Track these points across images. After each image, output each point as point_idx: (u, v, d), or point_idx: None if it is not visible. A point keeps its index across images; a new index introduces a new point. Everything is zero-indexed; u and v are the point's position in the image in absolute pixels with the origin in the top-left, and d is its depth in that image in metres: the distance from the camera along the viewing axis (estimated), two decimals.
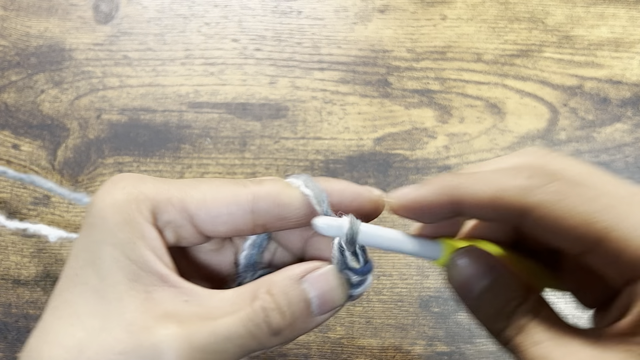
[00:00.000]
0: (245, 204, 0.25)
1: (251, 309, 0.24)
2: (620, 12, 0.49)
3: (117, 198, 0.24)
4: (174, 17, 0.50)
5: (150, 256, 0.24)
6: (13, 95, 0.47)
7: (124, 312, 0.23)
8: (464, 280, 0.25)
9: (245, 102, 0.47)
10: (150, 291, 0.24)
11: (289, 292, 0.24)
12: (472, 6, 0.50)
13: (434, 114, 0.47)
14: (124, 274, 0.23)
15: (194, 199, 0.25)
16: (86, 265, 0.24)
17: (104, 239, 0.24)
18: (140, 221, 0.24)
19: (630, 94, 0.47)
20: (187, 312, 0.24)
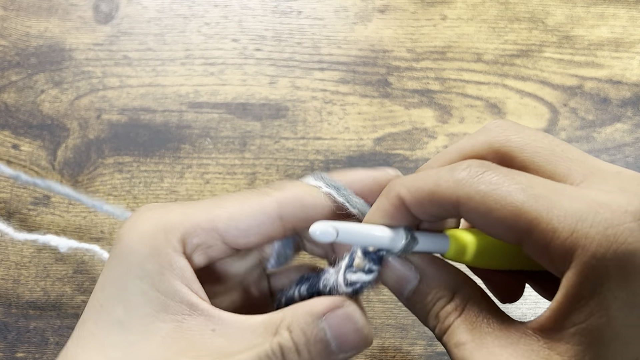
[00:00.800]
0: (273, 212, 0.25)
1: (269, 345, 0.24)
2: (621, 12, 0.49)
3: (144, 229, 0.24)
4: (174, 17, 0.50)
5: (179, 286, 0.24)
6: (13, 95, 0.47)
7: (148, 344, 0.23)
8: (395, 282, 0.25)
9: (245, 102, 0.47)
10: (180, 320, 0.24)
11: (307, 331, 0.24)
12: (472, 6, 0.50)
13: (434, 114, 0.47)
14: (151, 306, 0.24)
15: (221, 218, 0.25)
16: (112, 297, 0.24)
17: (131, 270, 0.24)
18: (168, 252, 0.24)
19: (630, 94, 0.47)
20: (212, 346, 0.24)
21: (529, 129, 0.24)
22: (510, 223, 0.21)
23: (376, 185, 0.26)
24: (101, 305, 0.24)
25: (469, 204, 0.21)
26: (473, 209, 0.21)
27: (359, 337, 0.25)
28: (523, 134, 0.24)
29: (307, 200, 0.26)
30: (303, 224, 0.26)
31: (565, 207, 0.20)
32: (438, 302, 0.24)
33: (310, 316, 0.24)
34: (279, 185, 0.26)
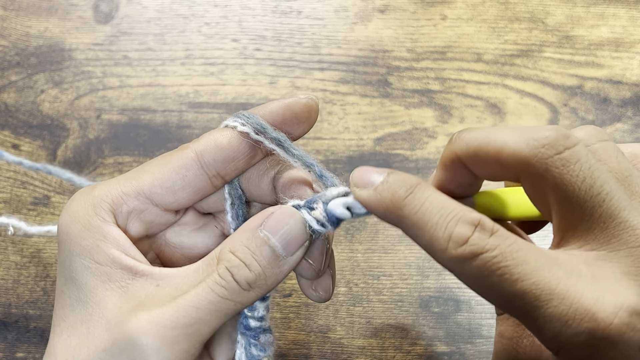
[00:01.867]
0: (192, 162, 0.26)
1: (216, 273, 0.24)
2: (620, 12, 0.49)
3: (74, 210, 0.26)
4: (174, 17, 0.50)
5: (116, 253, 0.25)
6: (13, 95, 0.47)
7: (103, 312, 0.24)
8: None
9: (246, 102, 0.47)
10: (125, 286, 0.25)
11: (250, 244, 0.25)
12: (472, 6, 0.50)
13: (434, 114, 0.47)
14: (96, 278, 0.25)
15: (145, 181, 0.26)
16: (66, 281, 0.25)
17: (71, 250, 0.25)
18: (99, 224, 0.25)
19: (630, 94, 0.47)
20: (159, 295, 0.24)
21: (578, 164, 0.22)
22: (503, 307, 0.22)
23: (287, 114, 0.27)
24: (62, 290, 0.26)
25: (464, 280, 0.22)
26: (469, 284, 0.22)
27: (300, 231, 0.25)
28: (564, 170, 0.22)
29: (222, 143, 0.26)
30: (226, 166, 0.27)
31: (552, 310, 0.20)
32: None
33: (248, 231, 0.25)
34: (198, 138, 0.27)
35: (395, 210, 0.23)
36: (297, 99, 0.27)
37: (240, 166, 0.27)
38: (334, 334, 0.41)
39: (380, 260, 0.42)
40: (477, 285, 0.21)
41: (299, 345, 0.41)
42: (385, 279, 0.42)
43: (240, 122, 0.27)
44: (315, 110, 0.27)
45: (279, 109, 0.27)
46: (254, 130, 0.27)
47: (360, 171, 0.25)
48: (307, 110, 0.27)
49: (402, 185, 0.23)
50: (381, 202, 0.23)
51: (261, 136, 0.27)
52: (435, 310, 0.41)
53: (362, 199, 0.24)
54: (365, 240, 0.43)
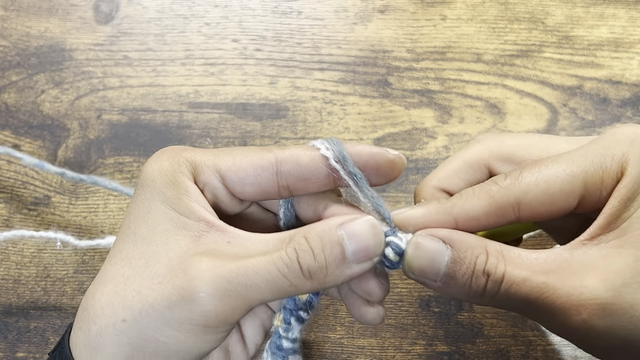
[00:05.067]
0: (270, 166, 0.27)
1: (283, 249, 0.25)
2: (620, 12, 0.49)
3: (163, 164, 0.27)
4: (174, 18, 0.50)
5: (197, 207, 0.27)
6: (13, 95, 0.47)
7: (168, 252, 0.26)
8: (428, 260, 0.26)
9: (246, 102, 0.47)
10: (198, 235, 0.26)
11: (324, 237, 0.26)
12: (472, 6, 0.50)
13: (433, 114, 0.47)
14: (171, 224, 0.26)
15: (225, 162, 0.28)
16: (137, 219, 0.27)
17: (154, 196, 0.27)
18: (184, 180, 0.27)
19: (629, 94, 0.47)
20: (226, 251, 0.26)
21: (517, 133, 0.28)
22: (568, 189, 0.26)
23: (371, 161, 0.28)
24: (128, 227, 0.27)
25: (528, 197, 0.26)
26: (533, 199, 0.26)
27: (375, 245, 0.26)
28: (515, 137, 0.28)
29: (303, 160, 0.27)
30: (297, 183, 0.28)
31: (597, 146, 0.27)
32: (478, 259, 0.25)
33: (327, 225, 0.26)
34: (285, 146, 0.28)
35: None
36: (385, 152, 0.28)
37: (309, 188, 0.28)
38: (334, 334, 0.41)
39: None
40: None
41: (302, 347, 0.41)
42: None
43: (324, 146, 0.27)
44: (398, 170, 0.28)
45: (365, 154, 0.28)
46: (335, 157, 0.27)
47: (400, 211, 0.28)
48: (391, 167, 0.28)
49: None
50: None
51: (339, 165, 0.27)
52: (435, 310, 0.41)
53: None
54: None
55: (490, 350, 0.40)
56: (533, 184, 0.26)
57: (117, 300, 0.26)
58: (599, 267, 0.24)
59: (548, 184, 0.25)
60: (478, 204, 0.26)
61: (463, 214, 0.26)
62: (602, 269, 0.24)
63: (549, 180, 0.25)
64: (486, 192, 0.26)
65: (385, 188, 0.44)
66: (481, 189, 0.27)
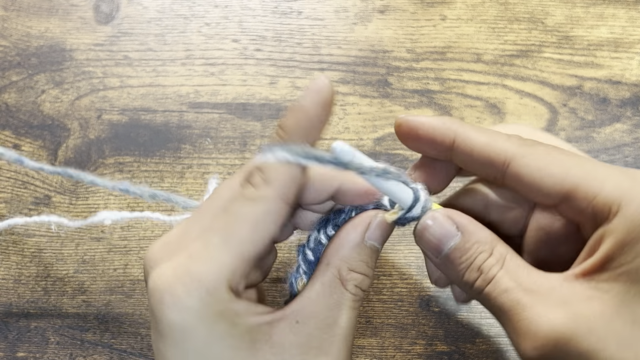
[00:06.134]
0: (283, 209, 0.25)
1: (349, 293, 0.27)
2: (620, 12, 0.49)
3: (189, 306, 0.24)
4: (175, 18, 0.50)
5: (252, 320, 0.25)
6: (14, 95, 0.47)
7: None
8: (435, 239, 0.27)
9: (246, 102, 0.47)
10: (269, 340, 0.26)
11: (365, 258, 0.28)
12: (472, 6, 0.50)
13: (433, 114, 0.47)
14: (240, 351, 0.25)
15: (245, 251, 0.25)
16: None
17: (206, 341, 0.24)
18: (226, 306, 0.24)
19: (629, 94, 0.47)
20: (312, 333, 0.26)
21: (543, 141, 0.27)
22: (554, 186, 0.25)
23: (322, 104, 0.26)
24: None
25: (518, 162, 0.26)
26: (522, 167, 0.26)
27: (391, 230, 0.29)
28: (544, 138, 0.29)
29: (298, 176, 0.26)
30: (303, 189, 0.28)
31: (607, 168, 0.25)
32: (479, 255, 0.26)
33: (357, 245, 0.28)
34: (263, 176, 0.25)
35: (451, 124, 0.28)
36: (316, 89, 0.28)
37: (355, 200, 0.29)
38: None
39: (380, 260, 0.42)
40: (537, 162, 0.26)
41: None
42: (385, 279, 0.42)
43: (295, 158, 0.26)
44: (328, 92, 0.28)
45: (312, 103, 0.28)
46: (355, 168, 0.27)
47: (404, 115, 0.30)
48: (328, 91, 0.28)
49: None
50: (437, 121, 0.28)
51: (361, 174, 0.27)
52: (435, 310, 0.41)
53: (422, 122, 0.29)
54: None
55: (490, 350, 0.40)
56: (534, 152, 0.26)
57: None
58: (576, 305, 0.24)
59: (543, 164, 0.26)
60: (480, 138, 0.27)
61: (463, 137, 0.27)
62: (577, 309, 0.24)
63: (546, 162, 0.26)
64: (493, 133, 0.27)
65: None
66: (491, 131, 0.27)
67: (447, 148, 0.28)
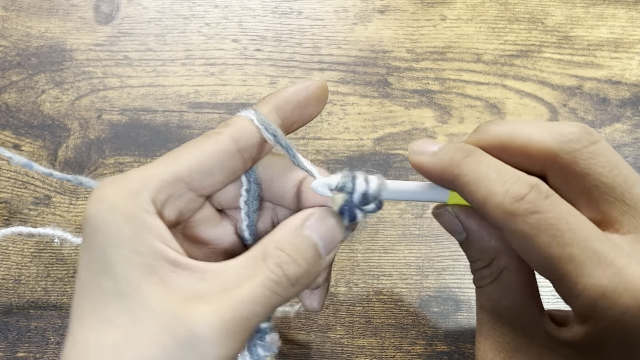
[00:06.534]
0: (230, 147, 0.27)
1: (267, 269, 0.25)
2: (620, 12, 0.49)
3: (112, 200, 0.24)
4: (175, 18, 0.50)
5: (159, 245, 0.24)
6: (14, 95, 0.47)
7: (148, 304, 0.23)
8: (448, 229, 0.28)
9: (246, 103, 0.47)
10: (166, 279, 0.24)
11: (297, 243, 0.26)
12: (472, 7, 0.50)
13: (433, 114, 0.47)
14: (137, 270, 0.24)
15: (183, 167, 0.26)
16: (98, 272, 0.24)
17: (109, 241, 0.24)
18: (141, 214, 0.24)
19: (629, 94, 0.47)
20: (208, 289, 0.24)
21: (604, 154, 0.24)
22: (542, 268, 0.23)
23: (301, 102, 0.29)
24: (90, 282, 0.24)
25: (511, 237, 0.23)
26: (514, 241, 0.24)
27: (339, 231, 0.27)
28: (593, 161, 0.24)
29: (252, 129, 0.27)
30: (258, 148, 0.28)
31: (594, 279, 0.21)
32: (477, 262, 0.26)
33: (293, 229, 0.26)
34: (224, 123, 0.28)
35: (452, 169, 0.25)
36: (305, 88, 0.29)
37: (267, 150, 0.29)
38: (334, 333, 0.41)
39: (380, 260, 0.42)
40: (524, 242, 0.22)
41: (299, 345, 0.41)
42: (385, 279, 0.42)
43: (256, 119, 0.28)
44: (325, 96, 0.29)
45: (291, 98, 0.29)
46: (266, 128, 0.28)
47: (418, 142, 0.28)
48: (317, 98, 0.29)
49: (460, 149, 0.25)
50: (439, 164, 0.26)
51: (271, 136, 0.28)
52: (435, 310, 0.41)
53: (421, 162, 0.27)
54: (365, 240, 0.43)
55: None
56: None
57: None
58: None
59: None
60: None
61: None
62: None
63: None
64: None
65: None
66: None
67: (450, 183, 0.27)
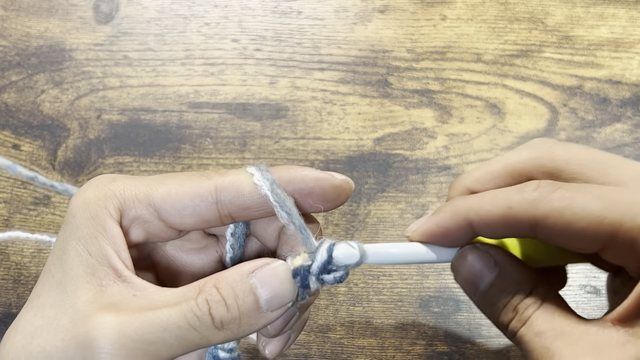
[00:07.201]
0: (209, 195, 0.26)
1: (194, 301, 0.24)
2: (620, 12, 0.49)
3: (87, 196, 0.25)
4: (174, 18, 0.50)
5: (109, 251, 0.25)
6: (13, 95, 0.47)
7: (75, 302, 0.24)
8: (470, 276, 0.26)
9: (246, 102, 0.47)
10: (104, 285, 0.24)
11: (236, 286, 0.24)
12: (472, 6, 0.50)
13: (433, 114, 0.47)
14: (82, 267, 0.24)
15: (159, 194, 0.26)
16: (56, 260, 0.25)
17: (72, 234, 0.25)
18: (104, 217, 0.25)
19: (630, 94, 0.47)
20: (132, 304, 0.24)
21: (572, 144, 0.25)
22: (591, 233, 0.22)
23: (317, 187, 0.26)
24: (49, 268, 0.26)
25: (547, 222, 0.23)
26: (552, 225, 0.22)
27: (288, 291, 0.25)
28: (566, 149, 0.25)
29: (244, 190, 0.26)
30: (239, 211, 0.26)
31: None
32: (517, 295, 0.25)
33: (238, 274, 0.24)
34: (224, 171, 0.27)
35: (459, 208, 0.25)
36: (331, 178, 0.26)
37: (253, 215, 0.27)
38: (334, 333, 0.41)
39: None
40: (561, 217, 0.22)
41: (299, 345, 0.41)
42: (385, 279, 0.42)
43: (258, 175, 0.26)
44: (346, 195, 0.27)
45: (310, 180, 0.26)
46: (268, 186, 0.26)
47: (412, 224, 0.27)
48: (337, 192, 0.27)
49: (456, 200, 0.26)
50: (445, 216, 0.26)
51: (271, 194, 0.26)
52: (435, 310, 0.41)
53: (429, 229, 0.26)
54: (365, 240, 0.43)
55: (490, 350, 0.40)
56: (558, 209, 0.23)
57: (24, 355, 0.24)
58: (608, 352, 0.22)
59: (574, 216, 0.22)
60: (495, 211, 0.24)
61: (477, 218, 0.25)
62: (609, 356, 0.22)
63: (577, 213, 0.22)
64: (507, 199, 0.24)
65: (385, 188, 0.44)
66: (504, 195, 0.24)
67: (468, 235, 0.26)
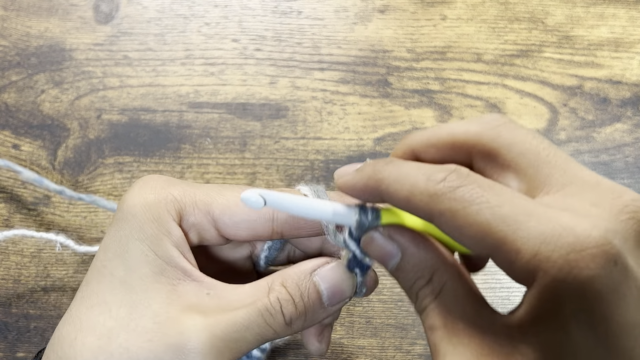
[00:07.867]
0: (266, 212, 0.27)
1: (267, 300, 0.25)
2: (620, 12, 0.49)
3: (148, 197, 0.26)
4: (174, 17, 0.50)
5: (175, 252, 0.26)
6: (13, 95, 0.47)
7: (150, 303, 0.25)
8: (378, 256, 0.26)
9: (246, 102, 0.47)
10: (175, 284, 0.25)
11: (301, 285, 0.26)
12: (472, 6, 0.50)
13: (434, 114, 0.47)
14: (150, 268, 0.25)
15: (218, 204, 0.27)
16: (114, 258, 0.26)
17: (133, 234, 0.25)
18: (168, 219, 0.26)
19: (630, 94, 0.47)
20: (209, 304, 0.25)
21: (524, 129, 0.24)
22: (478, 240, 0.21)
23: None
24: (104, 265, 0.26)
25: (441, 219, 0.22)
26: (444, 224, 0.22)
27: (348, 287, 0.27)
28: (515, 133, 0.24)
29: None
30: (290, 230, 0.28)
31: (530, 230, 0.20)
32: (417, 281, 0.24)
33: (302, 272, 0.26)
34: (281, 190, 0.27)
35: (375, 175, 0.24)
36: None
37: (302, 234, 0.28)
38: (334, 334, 0.41)
39: None
40: (454, 219, 0.21)
41: (299, 345, 0.41)
42: (385, 279, 0.42)
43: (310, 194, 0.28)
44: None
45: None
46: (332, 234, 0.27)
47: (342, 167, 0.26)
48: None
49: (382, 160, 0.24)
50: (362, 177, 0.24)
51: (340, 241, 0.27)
52: None
53: (346, 181, 0.25)
54: None
55: None
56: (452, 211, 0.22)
57: (103, 356, 0.24)
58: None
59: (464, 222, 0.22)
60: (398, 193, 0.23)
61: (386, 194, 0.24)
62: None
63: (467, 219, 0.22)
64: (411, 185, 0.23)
65: None
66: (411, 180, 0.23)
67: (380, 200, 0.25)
